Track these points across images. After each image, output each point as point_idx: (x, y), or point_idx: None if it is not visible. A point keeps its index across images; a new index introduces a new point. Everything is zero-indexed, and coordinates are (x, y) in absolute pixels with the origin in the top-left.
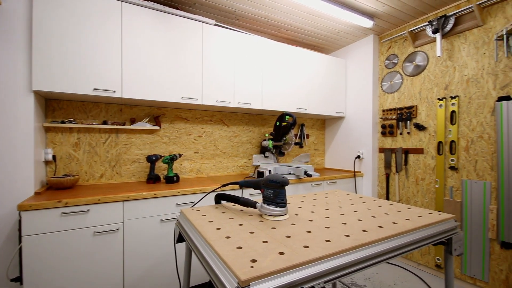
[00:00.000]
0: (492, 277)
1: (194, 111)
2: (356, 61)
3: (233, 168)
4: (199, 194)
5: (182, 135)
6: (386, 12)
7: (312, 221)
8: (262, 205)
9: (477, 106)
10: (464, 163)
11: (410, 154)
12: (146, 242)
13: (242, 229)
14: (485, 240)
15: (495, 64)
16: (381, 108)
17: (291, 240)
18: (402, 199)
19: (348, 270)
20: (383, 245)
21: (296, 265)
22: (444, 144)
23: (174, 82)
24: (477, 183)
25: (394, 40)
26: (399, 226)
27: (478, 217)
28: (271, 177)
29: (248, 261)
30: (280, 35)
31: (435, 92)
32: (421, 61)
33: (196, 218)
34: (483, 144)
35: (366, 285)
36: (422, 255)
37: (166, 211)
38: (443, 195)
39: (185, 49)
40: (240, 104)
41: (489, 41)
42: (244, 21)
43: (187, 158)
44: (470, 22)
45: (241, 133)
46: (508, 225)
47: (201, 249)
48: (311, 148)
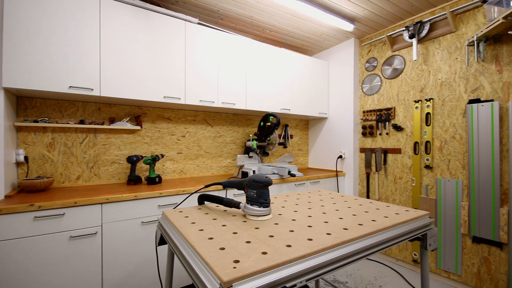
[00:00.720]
0: (464, 270)
1: (177, 110)
2: (338, 63)
3: (217, 169)
4: (182, 195)
5: (165, 135)
6: (366, 17)
7: (295, 221)
8: (245, 205)
9: (450, 108)
10: (438, 162)
11: (389, 154)
12: (126, 245)
13: (225, 230)
14: (457, 235)
15: (466, 68)
16: (362, 109)
17: (274, 240)
18: (381, 197)
19: (330, 268)
20: (362, 242)
21: (278, 264)
22: (420, 144)
23: (156, 81)
24: (450, 181)
25: (373, 44)
26: (377, 223)
27: (451, 214)
28: (254, 177)
29: (231, 262)
30: (264, 36)
31: (411, 95)
32: (399, 64)
33: (178, 219)
34: (455, 144)
35: (348, 281)
36: (400, 251)
37: (147, 213)
38: (419, 193)
39: (168, 48)
40: (224, 104)
41: (461, 47)
42: (228, 20)
43: (170, 158)
44: (443, 28)
45: (225, 133)
46: (478, 220)
47: (183, 251)
48: (295, 148)
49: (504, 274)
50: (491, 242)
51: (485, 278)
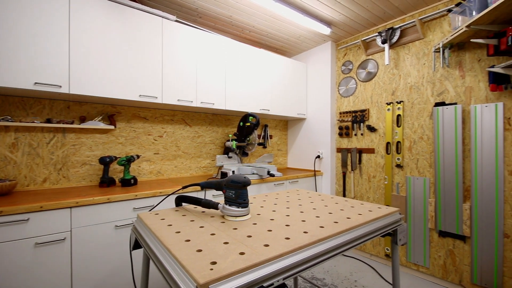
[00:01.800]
0: (432, 262)
1: (154, 110)
2: (316, 65)
3: (196, 169)
4: (159, 197)
5: (141, 135)
6: (342, 21)
7: (273, 220)
8: (224, 206)
9: (418, 110)
10: (408, 161)
11: (364, 154)
12: (98, 251)
13: (203, 232)
14: (425, 230)
15: (433, 73)
16: (338, 111)
17: (252, 240)
18: (357, 195)
19: (307, 265)
20: (338, 239)
21: (256, 264)
22: (392, 145)
23: (131, 79)
24: (419, 179)
25: (349, 48)
26: (352, 220)
27: (419, 210)
28: (233, 178)
29: (208, 264)
30: (244, 36)
31: (384, 97)
32: (372, 68)
33: (154, 222)
34: (423, 145)
35: (325, 278)
36: (373, 247)
37: (121, 216)
38: (391, 191)
39: (144, 45)
40: (203, 104)
41: (428, 53)
42: (207, 19)
43: (146, 159)
44: (413, 35)
45: (204, 134)
46: (444, 215)
47: (158, 254)
48: (275, 149)
49: (468, 265)
50: (456, 235)
51: (451, 269)
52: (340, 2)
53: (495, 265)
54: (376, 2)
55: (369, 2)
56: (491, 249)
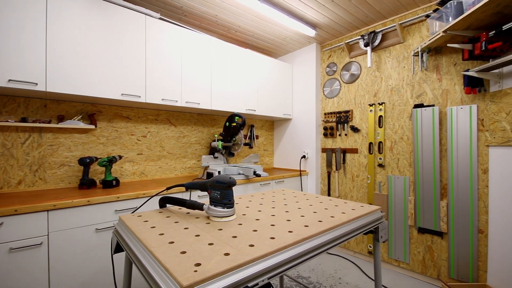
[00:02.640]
0: (412, 258)
1: (137, 109)
2: (301, 66)
3: (181, 170)
4: (143, 199)
5: (123, 135)
6: (327, 24)
7: (258, 220)
8: (209, 206)
9: (398, 112)
10: (389, 161)
11: (347, 154)
12: (78, 255)
13: (187, 233)
14: (406, 227)
15: (412, 76)
16: (323, 111)
17: (237, 240)
18: (341, 194)
19: (291, 264)
20: (322, 238)
21: (241, 265)
22: (374, 145)
23: (113, 77)
24: (399, 178)
25: (333, 50)
26: (336, 219)
27: (400, 207)
28: (218, 178)
29: (192, 266)
30: (230, 36)
31: (366, 99)
32: (356, 70)
33: (137, 224)
34: (403, 145)
35: (310, 276)
36: (357, 244)
37: (102, 219)
38: (373, 189)
39: (126, 42)
40: (188, 103)
41: (408, 56)
42: (192, 18)
43: (129, 160)
44: (393, 39)
45: (190, 134)
46: (423, 212)
47: (141, 257)
48: (261, 149)
49: (445, 260)
50: (434, 232)
51: (429, 264)
52: (324, 5)
53: (470, 260)
54: (359, 6)
55: (352, 6)
56: (466, 244)
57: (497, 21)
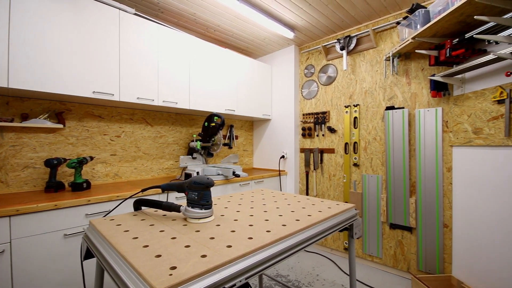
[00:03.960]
0: (384, 253)
1: (110, 108)
2: (280, 67)
3: (158, 171)
4: (116, 201)
5: (95, 135)
6: (304, 26)
7: (237, 221)
8: (186, 208)
9: (372, 113)
10: (363, 160)
11: (325, 154)
12: (44, 262)
13: (163, 236)
14: (378, 223)
15: (384, 80)
16: (302, 112)
17: (214, 242)
18: (319, 193)
19: (269, 263)
20: (299, 236)
21: (218, 266)
22: (349, 145)
23: (84, 74)
24: (373, 177)
25: (311, 52)
26: (312, 218)
27: (373, 205)
28: (196, 179)
29: (167, 269)
30: (209, 35)
31: (342, 100)
32: (332, 73)
33: (109, 228)
34: (376, 145)
35: (289, 274)
36: (334, 241)
37: (71, 224)
38: (349, 188)
39: (99, 38)
40: (165, 103)
41: (380, 61)
42: (169, 15)
43: (102, 161)
44: (367, 43)
45: (167, 134)
46: (394, 209)
47: (113, 263)
48: (240, 149)
49: (414, 254)
50: (404, 227)
51: (400, 258)
52: (302, 8)
53: (437, 253)
54: (335, 11)
55: (329, 10)
56: (433, 238)
57: (460, 29)
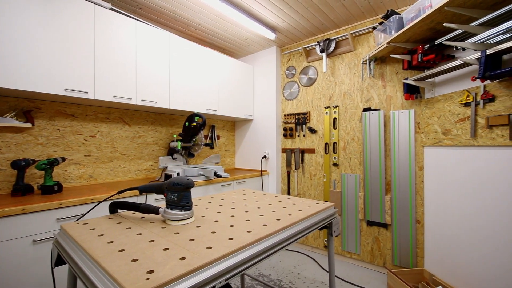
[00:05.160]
0: (362, 249)
1: (84, 106)
2: (262, 68)
3: (137, 172)
4: (90, 204)
5: (67, 135)
6: (285, 28)
7: (217, 221)
8: (165, 210)
9: (350, 114)
10: (342, 160)
11: (306, 154)
12: (11, 271)
13: (140, 239)
14: (357, 221)
15: (361, 82)
16: (283, 113)
17: (194, 243)
18: (300, 193)
19: (250, 264)
20: (279, 236)
21: (197, 268)
22: (329, 145)
23: (55, 70)
24: (351, 176)
25: (292, 54)
26: (293, 217)
27: (352, 203)
28: (175, 180)
29: (144, 273)
30: (190, 34)
31: (322, 102)
32: (313, 74)
33: (81, 233)
34: (354, 145)
35: (271, 273)
36: (314, 239)
37: (41, 229)
38: (329, 187)
39: (72, 32)
40: (144, 102)
41: (358, 64)
42: (148, 11)
43: (75, 162)
44: (346, 47)
45: (146, 134)
46: (371, 207)
47: (86, 269)
48: (222, 149)
49: (389, 249)
50: (380, 224)
51: (376, 254)
52: (283, 10)
53: (410, 247)
54: (315, 14)
55: (309, 13)
56: (406, 234)
57: (431, 36)
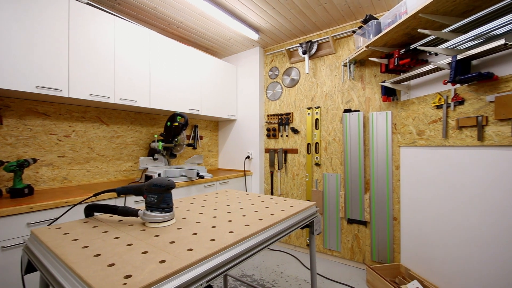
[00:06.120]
0: (343, 247)
1: (58, 104)
2: (246, 68)
3: (115, 174)
4: (64, 208)
5: (39, 135)
6: (269, 29)
7: (199, 223)
8: (144, 212)
9: (332, 115)
10: (324, 160)
11: (289, 154)
12: None
13: (117, 243)
14: (338, 219)
15: (342, 84)
16: (266, 113)
17: (175, 246)
18: (283, 192)
19: (231, 264)
20: (261, 236)
21: (177, 271)
22: (311, 145)
23: (26, 66)
24: (332, 175)
25: (275, 55)
26: (275, 216)
27: (333, 202)
28: (155, 181)
29: (121, 278)
30: (171, 31)
31: (305, 102)
32: (295, 75)
33: (54, 238)
34: (335, 145)
35: (254, 273)
36: (297, 238)
37: (10, 235)
38: (311, 187)
39: (45, 27)
40: (123, 100)
41: (339, 66)
42: (127, 7)
43: (48, 163)
44: (327, 49)
45: (125, 133)
46: (351, 205)
47: (58, 276)
48: (205, 150)
49: (368, 246)
50: (360, 221)
51: (356, 251)
52: (266, 11)
53: (388, 244)
54: (297, 16)
55: (292, 15)
56: (384, 230)
57: (407, 41)
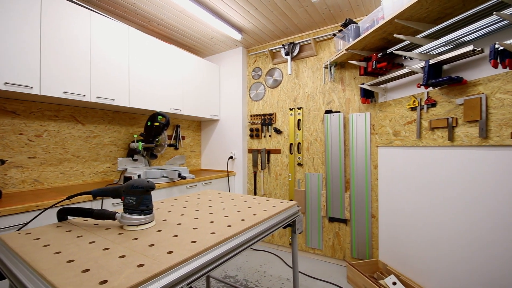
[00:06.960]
0: (324, 245)
1: (28, 102)
2: (229, 68)
3: (91, 175)
4: (35, 212)
5: (7, 135)
6: (252, 30)
7: (180, 225)
8: (122, 215)
9: (313, 116)
10: (306, 160)
11: (272, 154)
12: None
13: (93, 248)
14: (319, 218)
15: (323, 86)
16: (250, 114)
17: (154, 249)
18: (266, 192)
19: (213, 266)
20: (244, 236)
21: (156, 275)
22: (294, 145)
23: None
24: (314, 175)
25: (258, 55)
26: (257, 216)
27: (315, 201)
28: (133, 183)
29: (96, 284)
30: (152, 29)
31: (287, 103)
32: (278, 76)
33: (23, 244)
34: (317, 145)
35: (237, 274)
36: (280, 238)
37: None
38: (294, 186)
39: (13, 19)
40: (100, 99)
41: (320, 68)
42: (104, 2)
43: (17, 165)
44: (309, 51)
45: (102, 133)
46: (332, 204)
47: (28, 284)
48: (187, 150)
49: (349, 243)
50: (340, 220)
51: (337, 248)
52: (249, 11)
53: (366, 240)
54: (280, 17)
55: (274, 16)
56: (363, 228)
57: (384, 45)
